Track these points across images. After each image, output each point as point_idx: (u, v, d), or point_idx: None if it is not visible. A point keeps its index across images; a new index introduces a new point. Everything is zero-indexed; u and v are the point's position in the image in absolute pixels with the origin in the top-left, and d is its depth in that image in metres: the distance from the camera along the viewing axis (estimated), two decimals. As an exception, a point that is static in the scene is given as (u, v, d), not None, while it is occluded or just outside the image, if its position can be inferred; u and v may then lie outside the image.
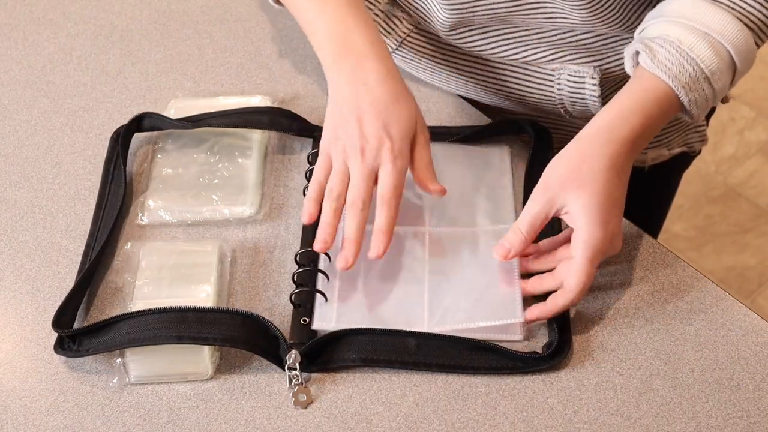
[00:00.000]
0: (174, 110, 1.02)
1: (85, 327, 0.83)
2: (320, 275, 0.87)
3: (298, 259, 0.88)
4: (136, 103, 1.06)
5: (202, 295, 0.85)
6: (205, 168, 0.97)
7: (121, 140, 0.98)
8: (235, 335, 0.80)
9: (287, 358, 0.80)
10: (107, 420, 0.79)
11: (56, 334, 0.84)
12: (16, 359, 0.84)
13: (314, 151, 0.96)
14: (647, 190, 1.08)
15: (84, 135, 1.03)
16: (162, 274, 0.87)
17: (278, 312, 0.86)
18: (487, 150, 0.99)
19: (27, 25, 1.17)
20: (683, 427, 0.78)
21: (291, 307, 0.85)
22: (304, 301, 0.85)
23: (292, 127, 1.00)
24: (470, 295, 0.86)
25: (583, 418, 0.78)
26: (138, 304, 0.85)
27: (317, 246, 0.85)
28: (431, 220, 0.92)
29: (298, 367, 0.80)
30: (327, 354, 0.82)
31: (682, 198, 1.24)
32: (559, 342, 0.81)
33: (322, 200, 0.87)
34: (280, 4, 0.99)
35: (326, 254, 0.88)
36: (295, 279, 0.86)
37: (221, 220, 0.93)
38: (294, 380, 0.80)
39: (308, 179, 0.94)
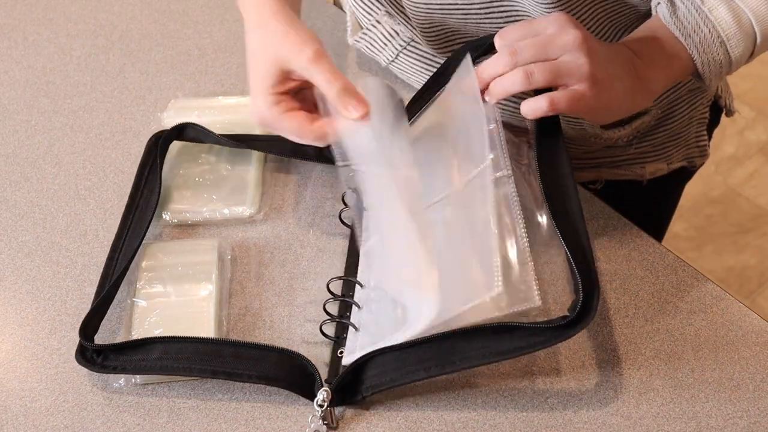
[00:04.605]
0: (174, 110, 1.02)
1: (116, 344, 0.80)
2: (353, 306, 0.84)
3: (330, 287, 0.85)
4: (136, 103, 1.06)
5: (204, 293, 0.85)
6: (205, 168, 0.97)
7: (160, 145, 0.95)
8: (271, 374, 0.78)
9: (318, 394, 0.77)
10: (107, 420, 0.79)
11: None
12: (16, 359, 0.84)
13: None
14: (646, 204, 1.06)
15: (84, 135, 1.03)
16: (162, 274, 0.87)
17: (278, 312, 0.86)
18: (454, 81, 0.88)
19: (27, 25, 1.17)
20: (683, 427, 0.78)
21: (291, 306, 0.86)
22: (339, 333, 0.83)
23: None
24: (453, 269, 0.77)
25: (583, 418, 0.78)
26: (139, 305, 0.85)
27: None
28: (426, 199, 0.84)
29: (325, 405, 0.77)
30: (356, 384, 0.78)
31: (682, 198, 1.24)
32: (584, 299, 0.75)
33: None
34: None
35: (359, 283, 0.85)
36: (326, 308, 0.84)
37: (221, 220, 0.93)
38: (314, 420, 0.77)
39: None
